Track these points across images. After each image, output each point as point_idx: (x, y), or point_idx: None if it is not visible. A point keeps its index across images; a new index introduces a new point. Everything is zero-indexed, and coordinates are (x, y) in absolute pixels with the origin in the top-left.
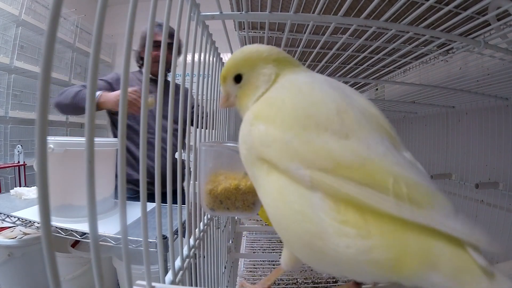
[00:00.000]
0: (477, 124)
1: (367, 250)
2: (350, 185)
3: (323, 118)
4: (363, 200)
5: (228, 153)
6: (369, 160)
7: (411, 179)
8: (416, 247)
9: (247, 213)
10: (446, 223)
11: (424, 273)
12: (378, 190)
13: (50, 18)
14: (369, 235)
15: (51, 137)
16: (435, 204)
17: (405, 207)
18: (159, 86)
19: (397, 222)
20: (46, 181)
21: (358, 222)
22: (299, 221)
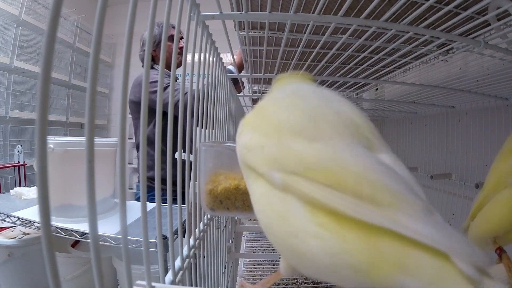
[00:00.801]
0: (477, 124)
1: (339, 253)
2: (316, 187)
3: (297, 123)
4: (326, 202)
5: (228, 153)
6: (332, 161)
7: (377, 180)
8: (390, 251)
9: (247, 213)
10: (411, 226)
11: (398, 278)
12: (339, 191)
13: (50, 18)
14: (343, 238)
15: (51, 137)
16: (402, 205)
17: (365, 208)
18: (159, 85)
19: (372, 226)
20: (46, 181)
21: (332, 225)
22: (280, 224)
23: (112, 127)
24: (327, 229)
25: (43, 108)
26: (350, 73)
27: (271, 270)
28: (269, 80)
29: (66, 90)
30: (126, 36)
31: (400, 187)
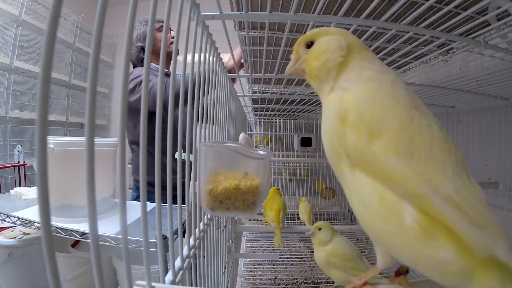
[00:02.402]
0: (477, 124)
1: (451, 263)
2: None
3: (421, 145)
4: (459, 229)
5: (228, 153)
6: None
7: (483, 211)
8: (490, 265)
9: (247, 213)
10: (504, 252)
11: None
12: (470, 223)
13: (50, 18)
14: (456, 250)
15: (51, 137)
16: (498, 233)
17: (489, 236)
18: (159, 84)
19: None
20: (46, 181)
21: (445, 240)
22: (397, 233)
23: (112, 127)
24: (441, 242)
25: (43, 108)
26: None
27: (271, 270)
28: (269, 80)
29: (66, 90)
30: (126, 36)
31: (494, 218)
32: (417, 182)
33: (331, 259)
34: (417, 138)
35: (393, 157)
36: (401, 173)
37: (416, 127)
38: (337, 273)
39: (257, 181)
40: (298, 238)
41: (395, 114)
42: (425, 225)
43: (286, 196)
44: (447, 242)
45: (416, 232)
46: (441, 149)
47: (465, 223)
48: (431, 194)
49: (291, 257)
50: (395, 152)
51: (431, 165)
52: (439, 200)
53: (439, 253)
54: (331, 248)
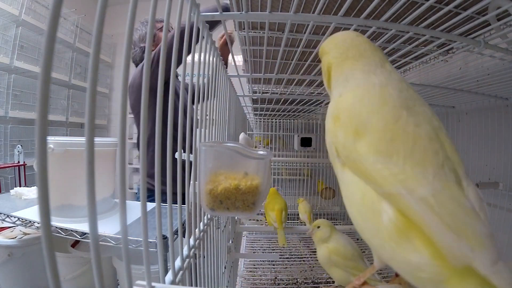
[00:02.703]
0: (477, 124)
1: (424, 268)
2: (420, 208)
3: (407, 146)
4: (423, 223)
5: (228, 153)
6: (438, 197)
7: (467, 221)
8: (465, 274)
9: (247, 213)
10: (485, 266)
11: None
12: (445, 228)
13: (50, 18)
14: (431, 256)
15: (51, 137)
16: (481, 247)
17: (466, 245)
18: (159, 84)
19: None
20: (46, 181)
21: (421, 244)
22: (376, 232)
23: (112, 127)
24: (416, 246)
25: (43, 108)
26: None
27: (271, 270)
28: (269, 80)
29: (66, 90)
30: (126, 36)
31: (479, 226)
32: (393, 181)
33: (333, 257)
34: (399, 138)
35: (373, 156)
36: (379, 172)
37: (400, 127)
38: (338, 272)
39: (257, 181)
40: (298, 238)
41: (380, 115)
42: (400, 226)
43: (286, 196)
44: (422, 246)
45: (391, 232)
46: (425, 150)
47: (438, 227)
48: (405, 195)
49: (291, 257)
50: (375, 152)
51: (410, 166)
52: (413, 201)
53: (412, 257)
54: (333, 246)
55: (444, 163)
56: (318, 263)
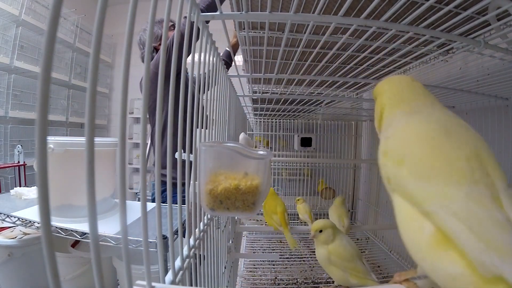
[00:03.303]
0: (477, 124)
1: (453, 278)
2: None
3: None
4: (460, 242)
5: (228, 153)
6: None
7: (500, 235)
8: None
9: (247, 213)
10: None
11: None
12: (475, 239)
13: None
14: (466, 270)
15: (51, 137)
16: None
17: (495, 256)
18: (159, 84)
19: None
20: (46, 181)
21: (456, 256)
22: (419, 248)
23: (112, 127)
24: (452, 257)
25: (43, 108)
26: (350, 73)
27: (271, 270)
28: (269, 80)
29: (66, 90)
30: (126, 36)
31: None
32: (429, 200)
33: (332, 257)
34: (436, 163)
35: (413, 180)
36: (419, 193)
37: (438, 154)
38: (337, 271)
39: (257, 181)
40: (298, 238)
41: (419, 145)
42: (438, 241)
43: (286, 196)
44: (457, 258)
45: (430, 246)
46: (461, 170)
47: (468, 239)
48: (440, 211)
49: (291, 257)
50: (415, 176)
51: (445, 186)
52: (446, 217)
53: (448, 268)
54: (333, 247)
55: (479, 180)
56: (318, 263)
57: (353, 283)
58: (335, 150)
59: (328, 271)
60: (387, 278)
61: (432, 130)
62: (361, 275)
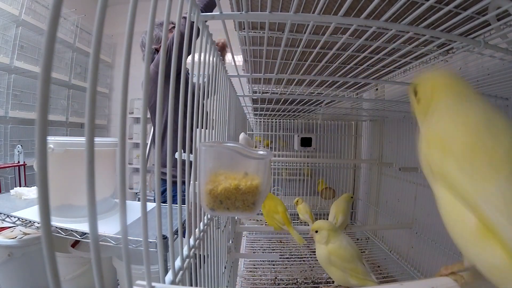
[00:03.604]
0: None
1: (496, 267)
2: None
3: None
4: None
5: (228, 153)
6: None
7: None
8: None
9: (247, 213)
10: None
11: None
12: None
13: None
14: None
15: (51, 137)
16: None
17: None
18: (159, 84)
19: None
20: (46, 181)
21: (497, 246)
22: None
23: (112, 127)
24: (494, 248)
25: (43, 108)
26: (350, 73)
27: (271, 270)
28: (269, 80)
29: (66, 90)
30: (126, 36)
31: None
32: (471, 192)
33: (332, 258)
34: (478, 155)
35: (457, 172)
36: (461, 185)
37: (479, 147)
38: (337, 272)
39: (257, 181)
40: None
41: (463, 139)
42: (481, 231)
43: (285, 196)
44: (499, 249)
45: (474, 236)
46: (501, 162)
47: (508, 231)
48: (480, 202)
49: (291, 257)
50: (458, 169)
51: (485, 178)
52: (486, 207)
53: (492, 258)
54: (333, 247)
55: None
56: (318, 263)
57: (353, 284)
58: (335, 150)
59: (328, 271)
60: (387, 278)
61: (476, 122)
62: (361, 276)
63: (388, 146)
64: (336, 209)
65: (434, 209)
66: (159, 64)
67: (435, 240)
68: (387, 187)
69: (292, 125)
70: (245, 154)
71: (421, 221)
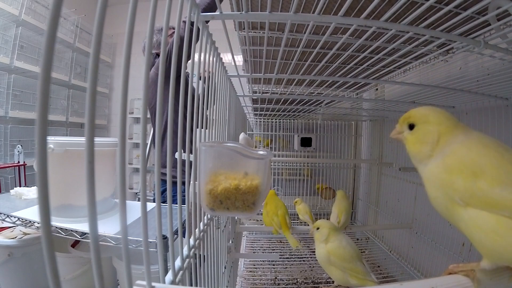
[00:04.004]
0: (477, 124)
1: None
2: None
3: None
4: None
5: (228, 153)
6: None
7: None
8: None
9: (247, 213)
10: None
11: None
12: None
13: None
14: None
15: (51, 137)
16: None
17: None
18: (159, 84)
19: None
20: (46, 181)
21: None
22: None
23: (112, 127)
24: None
25: (43, 108)
26: (350, 73)
27: (271, 270)
28: (269, 80)
29: (66, 90)
30: (126, 36)
31: None
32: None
33: (332, 258)
34: (509, 169)
35: (497, 188)
36: (506, 198)
37: (506, 161)
38: (337, 272)
39: (257, 181)
40: (298, 238)
41: (489, 156)
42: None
43: (286, 196)
44: None
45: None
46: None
47: None
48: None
49: (291, 257)
50: (498, 183)
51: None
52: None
53: None
54: (332, 246)
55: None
56: (318, 263)
57: (353, 284)
58: (335, 150)
59: (328, 271)
60: (387, 278)
61: (490, 144)
62: (361, 276)
63: (388, 146)
64: (339, 209)
65: (434, 209)
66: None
67: (435, 240)
68: (387, 187)
69: (292, 125)
70: (245, 154)
71: (421, 221)
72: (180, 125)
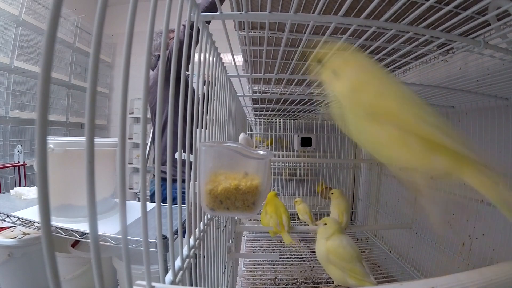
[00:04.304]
0: (477, 124)
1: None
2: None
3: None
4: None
5: (228, 153)
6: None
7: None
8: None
9: (247, 213)
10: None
11: None
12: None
13: (50, 18)
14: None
15: (51, 137)
16: None
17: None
18: (159, 85)
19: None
20: (46, 181)
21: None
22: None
23: (112, 127)
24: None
25: (43, 108)
26: None
27: (271, 270)
28: (269, 80)
29: (66, 90)
30: (126, 36)
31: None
32: (414, 121)
33: (331, 256)
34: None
35: (400, 107)
36: (405, 116)
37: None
38: (336, 271)
39: (257, 181)
40: (298, 238)
41: (392, 87)
42: (428, 145)
43: (285, 196)
44: (445, 153)
45: (423, 151)
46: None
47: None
48: (424, 126)
49: (291, 257)
50: (400, 105)
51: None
52: (418, 122)
53: (440, 163)
54: (333, 245)
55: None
56: (318, 263)
57: (352, 284)
58: (335, 150)
59: (327, 270)
60: (387, 278)
61: (390, 78)
62: (359, 277)
63: None
64: (339, 209)
65: None
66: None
67: (435, 240)
68: (387, 187)
69: (292, 125)
70: (245, 154)
71: (421, 221)
72: (180, 125)
